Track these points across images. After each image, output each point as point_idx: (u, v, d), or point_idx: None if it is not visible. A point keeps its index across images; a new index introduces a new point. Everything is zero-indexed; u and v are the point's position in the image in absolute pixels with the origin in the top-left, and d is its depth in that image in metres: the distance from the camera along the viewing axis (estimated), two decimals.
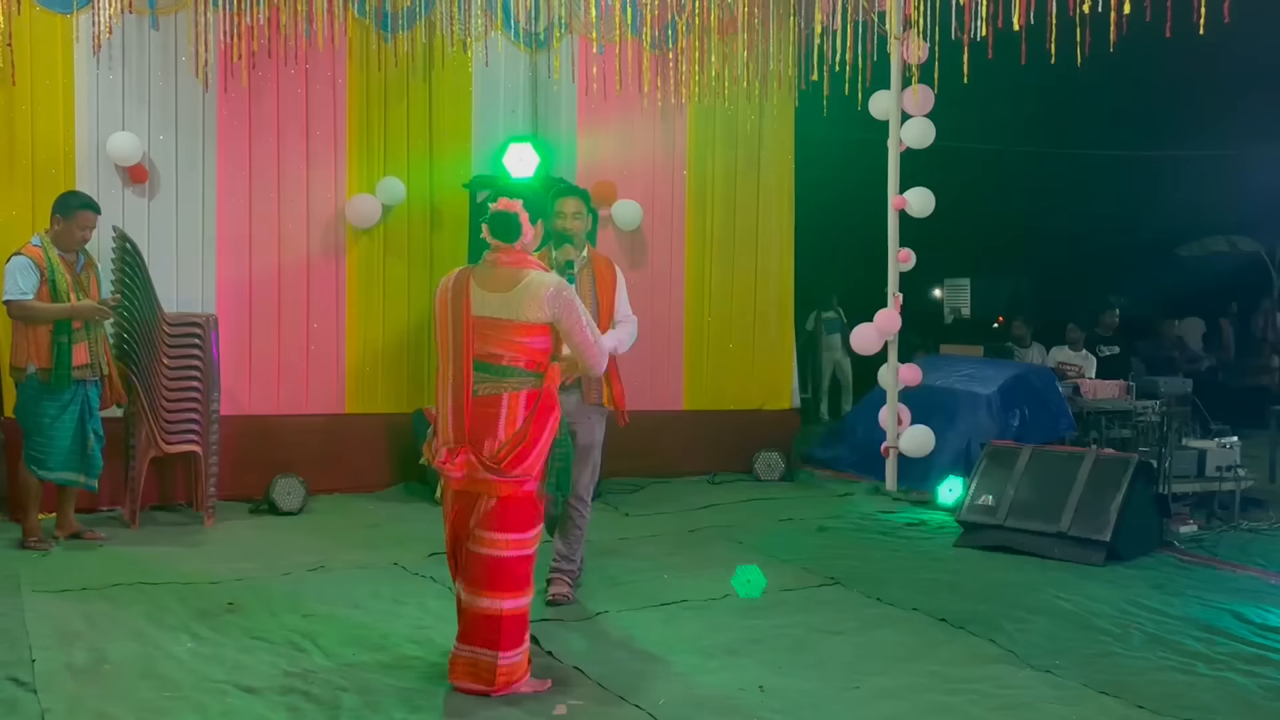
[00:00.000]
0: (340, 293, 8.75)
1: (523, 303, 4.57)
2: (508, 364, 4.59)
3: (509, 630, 4.61)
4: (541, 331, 4.62)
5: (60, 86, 7.90)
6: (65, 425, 6.92)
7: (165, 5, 8.10)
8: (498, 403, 4.58)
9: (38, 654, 5.01)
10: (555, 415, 4.65)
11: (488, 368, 4.60)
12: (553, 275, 4.70)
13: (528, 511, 4.66)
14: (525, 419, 4.58)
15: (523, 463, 4.55)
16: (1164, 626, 5.66)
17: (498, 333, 4.59)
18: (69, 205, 6.96)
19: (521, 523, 4.63)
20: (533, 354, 4.62)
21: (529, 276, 4.61)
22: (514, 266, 4.64)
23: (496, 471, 4.55)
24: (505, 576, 4.61)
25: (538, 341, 4.62)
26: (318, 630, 5.42)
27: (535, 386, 4.62)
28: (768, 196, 10.01)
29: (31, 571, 6.39)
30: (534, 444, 4.57)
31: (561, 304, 4.59)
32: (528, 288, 4.58)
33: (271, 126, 8.47)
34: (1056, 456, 7.47)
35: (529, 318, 4.57)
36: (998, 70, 7.42)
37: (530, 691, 4.65)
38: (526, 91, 9.24)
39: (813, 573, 6.63)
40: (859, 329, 9.42)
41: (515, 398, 4.59)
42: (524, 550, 4.65)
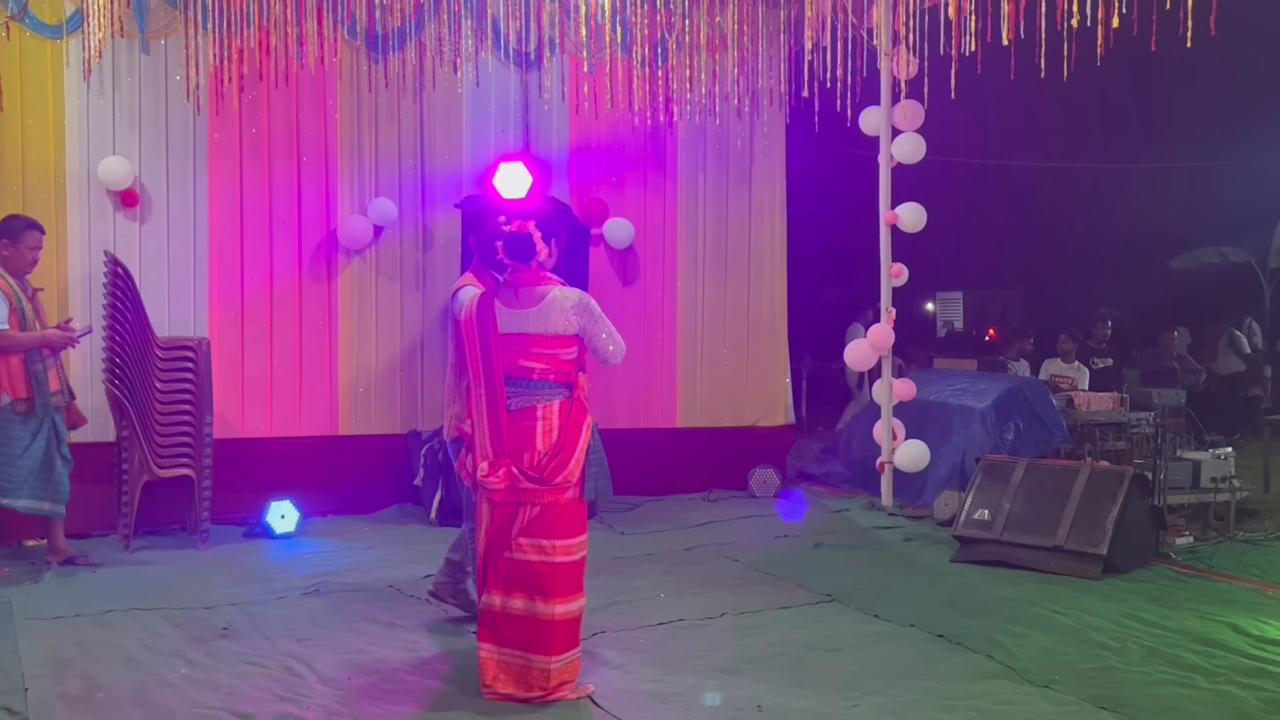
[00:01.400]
0: (332, 314, 8.74)
1: (551, 316, 4.81)
2: (539, 377, 4.82)
3: (560, 634, 4.78)
4: (569, 343, 4.85)
5: (50, 111, 7.89)
6: (35, 453, 6.86)
7: (155, 29, 8.10)
8: (532, 415, 4.81)
9: (30, 682, 4.97)
10: (588, 423, 4.88)
11: (519, 382, 4.83)
12: (575, 289, 4.93)
13: (573, 517, 4.85)
14: (560, 428, 4.80)
15: (564, 470, 4.77)
16: (1162, 640, 5.65)
17: (527, 347, 4.82)
18: (13, 228, 6.92)
19: (569, 528, 4.82)
20: (562, 365, 4.84)
21: (554, 291, 4.87)
22: (536, 284, 4.88)
23: (539, 481, 4.75)
24: (556, 582, 4.78)
25: (566, 353, 4.85)
26: (313, 654, 5.39)
27: (566, 397, 4.84)
28: (760, 213, 10.01)
29: (24, 599, 6.35)
30: (572, 451, 4.80)
31: (586, 314, 4.85)
32: (554, 301, 4.83)
33: (262, 149, 8.47)
34: (1051, 470, 7.46)
35: (558, 329, 4.81)
36: (987, 85, 7.44)
37: (574, 697, 4.79)
38: (517, 111, 9.26)
39: (809, 589, 6.61)
40: (853, 344, 9.43)
41: (549, 409, 4.81)
42: (571, 556, 4.83)
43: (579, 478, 4.83)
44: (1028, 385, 9.73)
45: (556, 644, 4.77)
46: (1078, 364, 11.22)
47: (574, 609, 4.84)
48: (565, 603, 4.79)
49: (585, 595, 4.95)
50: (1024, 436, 9.16)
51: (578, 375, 4.89)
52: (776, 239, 10.10)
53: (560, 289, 4.90)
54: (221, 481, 7.90)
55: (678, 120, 9.46)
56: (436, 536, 7.99)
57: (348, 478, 8.72)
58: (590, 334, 4.88)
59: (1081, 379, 10.85)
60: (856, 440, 10.38)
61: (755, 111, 9.63)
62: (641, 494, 9.36)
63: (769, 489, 9.68)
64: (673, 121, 9.47)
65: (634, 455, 9.35)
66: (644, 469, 9.42)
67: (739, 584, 6.78)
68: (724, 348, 9.93)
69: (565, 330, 4.81)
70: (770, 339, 10.12)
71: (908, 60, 8.46)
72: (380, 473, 8.84)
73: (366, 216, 8.72)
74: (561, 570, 4.79)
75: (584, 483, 4.86)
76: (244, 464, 8.25)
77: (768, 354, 10.11)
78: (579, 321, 4.83)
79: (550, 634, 4.76)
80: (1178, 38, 5.55)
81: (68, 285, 7.96)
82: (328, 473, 8.67)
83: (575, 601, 4.85)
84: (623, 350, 4.99)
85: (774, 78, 9.44)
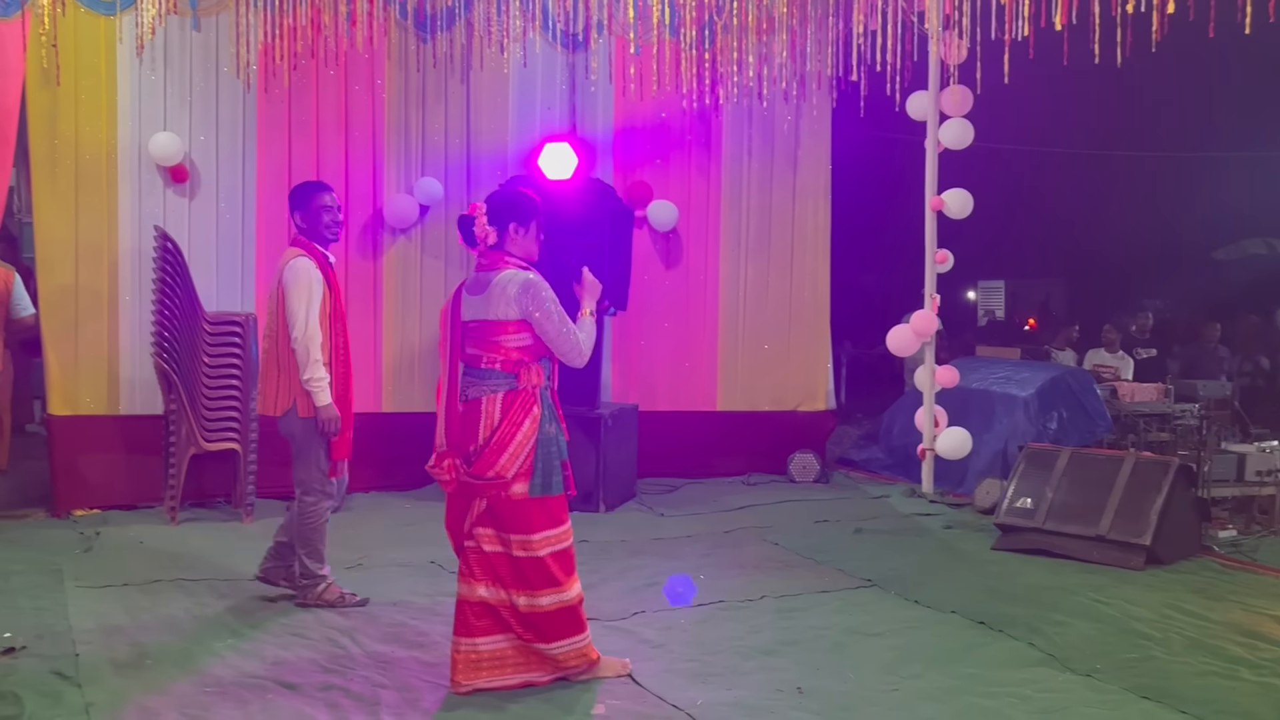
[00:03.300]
0: (378, 292, 8.80)
1: (495, 301, 4.60)
2: (485, 366, 4.63)
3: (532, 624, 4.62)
4: (515, 328, 4.59)
5: (103, 87, 7.97)
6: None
7: (207, 7, 8.17)
8: (478, 406, 4.62)
9: (81, 648, 5.07)
10: (532, 416, 4.59)
11: (473, 371, 4.67)
12: (526, 273, 4.66)
13: (524, 514, 4.60)
14: (499, 421, 4.58)
15: (493, 465, 4.56)
16: (1205, 631, 5.62)
17: (479, 335, 4.65)
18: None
19: (519, 524, 4.60)
20: (509, 354, 4.61)
21: (501, 275, 4.64)
22: (492, 268, 4.68)
23: (470, 475, 4.59)
24: (520, 576, 4.61)
25: (514, 340, 4.60)
26: (356, 627, 5.46)
27: (511, 388, 4.61)
28: (804, 197, 9.98)
29: (75, 566, 6.46)
30: (504, 446, 4.55)
31: (530, 298, 4.57)
32: (498, 285, 4.62)
33: (311, 127, 8.52)
34: (1095, 459, 7.41)
35: (502, 315, 4.59)
36: (1037, 70, 7.37)
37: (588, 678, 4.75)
38: (563, 92, 9.27)
39: (849, 574, 6.62)
40: (895, 330, 9.39)
41: (492, 400, 4.60)
42: (532, 552, 4.59)
43: (519, 473, 4.55)
44: (1071, 374, 9.66)
45: (541, 633, 4.62)
46: (1122, 354, 11.13)
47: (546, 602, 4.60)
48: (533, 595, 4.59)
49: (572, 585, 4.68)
50: (1067, 426, 9.12)
51: (527, 366, 4.60)
52: (820, 223, 10.06)
53: (510, 272, 4.63)
54: (266, 456, 7.98)
55: (724, 103, 9.44)
56: None
57: (391, 455, 8.77)
58: (538, 322, 4.58)
59: (1125, 369, 10.77)
60: (897, 427, 10.35)
61: (802, 95, 9.58)
62: (681, 476, 9.39)
63: (809, 474, 9.67)
64: (718, 104, 9.45)
65: (674, 437, 9.38)
66: (684, 451, 9.44)
67: (779, 567, 6.80)
68: (765, 331, 9.91)
69: (507, 315, 4.56)
70: (812, 323, 10.09)
71: (957, 45, 8.39)
72: (423, 450, 8.68)
73: (413, 195, 8.78)
74: (523, 565, 4.59)
75: (531, 478, 4.57)
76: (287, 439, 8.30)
77: (809, 338, 10.08)
78: (522, 306, 4.55)
79: (531, 623, 4.61)
80: (1235, 24, 5.48)
81: (118, 259, 8.04)
82: (371, 449, 8.69)
83: (549, 595, 4.60)
84: (580, 352, 4.67)
85: (822, 61, 9.38)
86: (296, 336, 5.51)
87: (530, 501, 4.60)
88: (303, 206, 5.75)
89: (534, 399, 4.62)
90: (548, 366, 4.69)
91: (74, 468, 7.86)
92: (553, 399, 4.72)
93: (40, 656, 4.95)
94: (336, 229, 5.83)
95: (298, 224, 5.77)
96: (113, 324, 8.03)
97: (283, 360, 5.61)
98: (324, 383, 5.55)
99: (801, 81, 9.44)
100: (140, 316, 7.97)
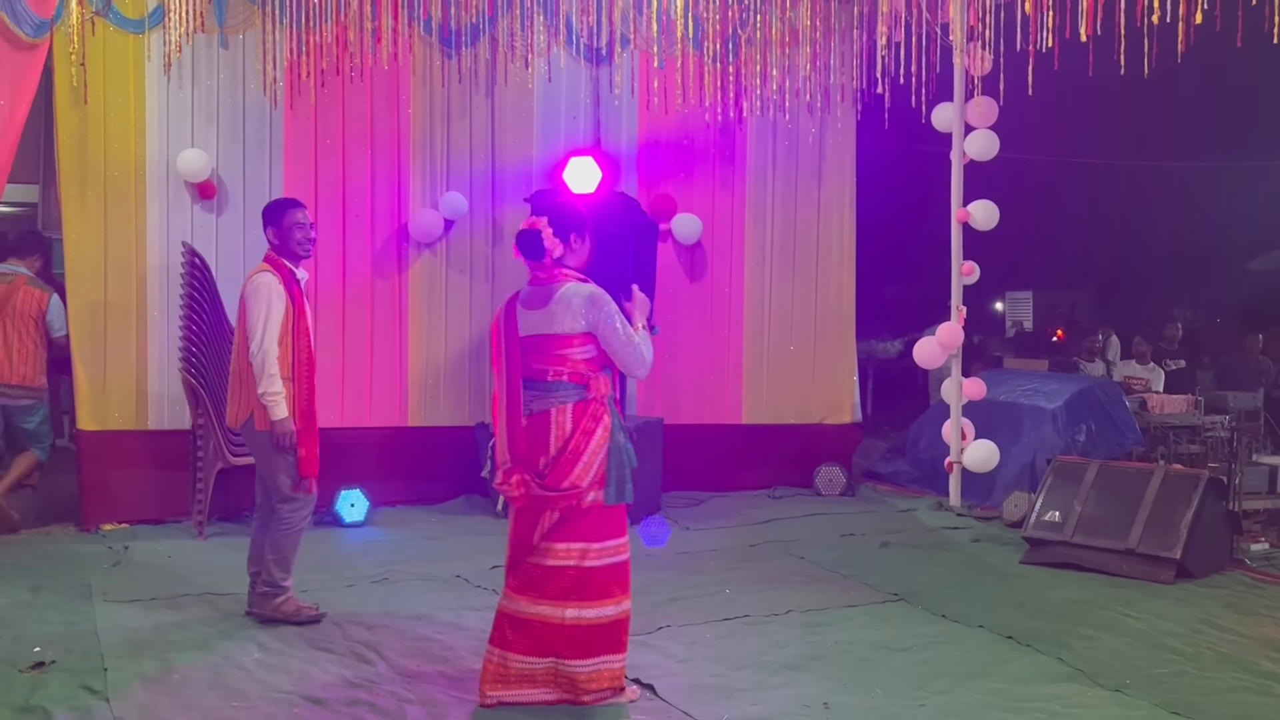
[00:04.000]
0: (403, 306, 8.84)
1: (559, 314, 4.61)
2: (552, 379, 4.63)
3: (570, 639, 4.61)
4: (582, 341, 4.61)
5: (131, 104, 8.05)
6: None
7: (234, 24, 8.24)
8: (547, 419, 4.62)
9: (110, 663, 5.09)
10: (604, 425, 4.62)
11: (537, 385, 4.65)
12: (587, 285, 4.68)
13: (596, 522, 4.64)
14: (571, 431, 4.60)
15: (569, 474, 4.57)
16: (1236, 646, 5.56)
17: (542, 349, 4.64)
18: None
19: (587, 533, 4.62)
20: (576, 366, 4.62)
21: (563, 288, 4.65)
22: (551, 282, 4.68)
23: (545, 487, 4.59)
24: (572, 587, 4.62)
25: (578, 352, 4.62)
26: (382, 642, 5.46)
27: (581, 398, 4.62)
28: (829, 209, 9.97)
29: (103, 581, 6.50)
30: (578, 456, 4.57)
31: (596, 310, 4.59)
32: (562, 299, 4.62)
33: (337, 142, 8.58)
34: (1124, 472, 7.35)
35: (567, 328, 4.59)
36: (1062, 81, 7.34)
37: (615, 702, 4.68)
38: (588, 106, 9.29)
39: (876, 589, 6.58)
40: (921, 342, 9.36)
41: (562, 411, 4.61)
42: (600, 560, 4.63)
43: (592, 482, 4.58)
44: (1100, 386, 9.60)
45: (578, 649, 4.60)
46: (1153, 365, 11.05)
47: (591, 615, 4.61)
48: (580, 607, 4.60)
49: (623, 601, 4.69)
50: (1095, 438, 9.04)
51: (595, 376, 4.63)
52: (845, 235, 10.05)
53: (572, 285, 4.65)
54: None
55: (747, 116, 9.44)
56: (503, 528, 7.98)
57: (416, 468, 8.82)
58: (602, 334, 4.59)
59: (1156, 381, 10.69)
60: (924, 439, 10.30)
61: (827, 107, 9.58)
62: (706, 490, 9.37)
63: (835, 487, 9.64)
64: (743, 117, 9.45)
65: (699, 450, 9.37)
66: (709, 465, 9.43)
67: (805, 581, 6.77)
68: (790, 344, 9.89)
69: (574, 329, 4.58)
70: (838, 336, 10.07)
71: (982, 56, 8.37)
72: (448, 464, 8.92)
73: (438, 210, 8.81)
74: (579, 575, 4.60)
75: (605, 486, 4.60)
76: None
77: (835, 351, 10.06)
78: (588, 318, 4.57)
79: (568, 638, 4.60)
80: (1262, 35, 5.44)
81: (146, 275, 8.11)
82: (397, 463, 8.77)
83: (595, 608, 4.62)
84: (644, 362, 4.67)
85: (846, 73, 9.38)
86: (253, 351, 5.57)
87: (601, 510, 4.63)
88: (275, 223, 5.79)
89: (604, 408, 4.64)
90: (611, 376, 4.73)
91: (102, 482, 7.92)
92: (617, 408, 4.75)
93: (69, 671, 4.98)
94: (309, 245, 5.85)
95: (270, 240, 5.81)
96: (141, 339, 8.10)
97: (243, 373, 5.68)
98: (279, 397, 5.57)
99: (825, 94, 9.45)
100: (168, 332, 8.03)
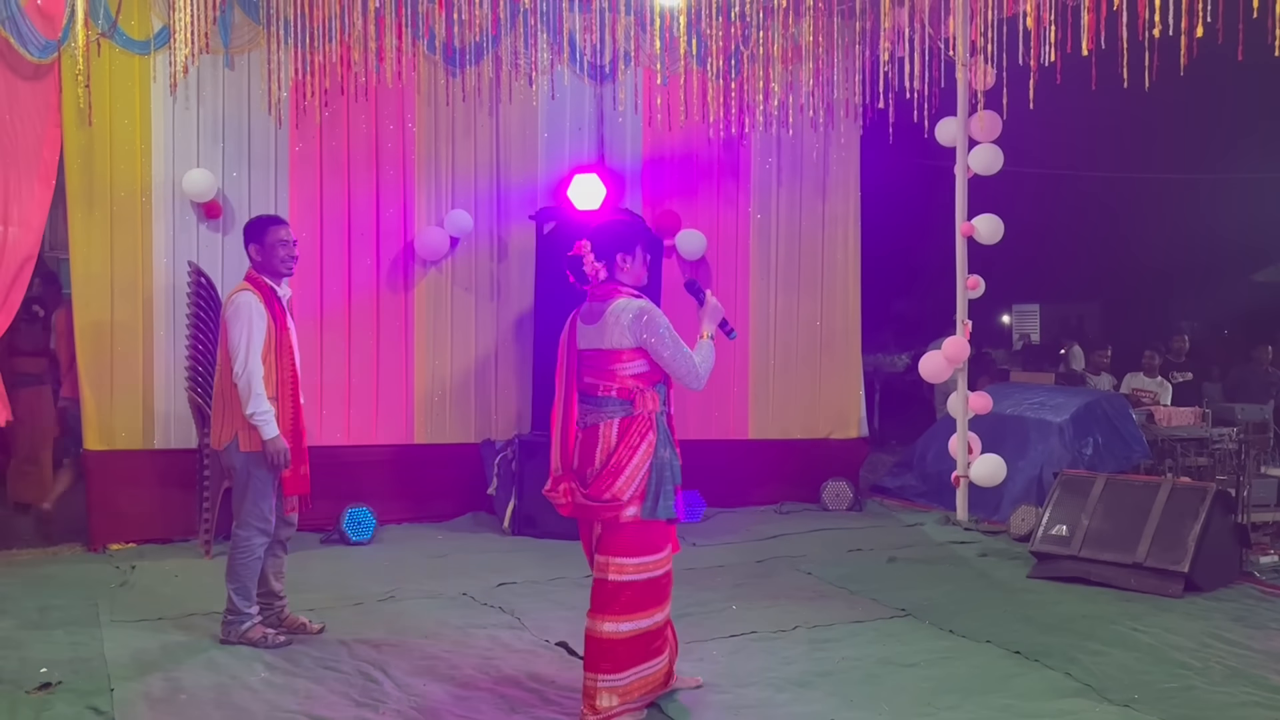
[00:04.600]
0: (409, 324, 8.85)
1: (609, 330, 4.70)
2: (602, 394, 4.73)
3: (603, 653, 4.64)
4: (631, 356, 4.69)
5: (138, 124, 8.08)
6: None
7: (239, 44, 8.27)
8: (596, 432, 4.72)
9: (116, 683, 5.09)
10: (648, 441, 4.67)
11: (590, 399, 4.76)
12: (639, 300, 4.75)
13: (633, 536, 4.68)
14: (615, 445, 4.67)
15: (609, 487, 4.63)
16: (1246, 660, 5.53)
17: (596, 363, 4.74)
18: None
19: (627, 547, 4.68)
20: (624, 381, 4.69)
21: (614, 304, 4.73)
22: (604, 299, 4.77)
23: (587, 497, 4.69)
24: (608, 600, 4.68)
25: (627, 367, 4.70)
26: (388, 660, 5.46)
27: (627, 414, 4.69)
28: (833, 224, 9.97)
29: (110, 600, 6.51)
30: (620, 469, 4.63)
31: (645, 325, 4.66)
32: (611, 314, 4.71)
33: (342, 161, 8.61)
34: (1132, 486, 7.33)
35: (616, 343, 4.69)
36: (1066, 95, 7.34)
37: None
38: (592, 123, 9.32)
39: (883, 604, 6.56)
40: (927, 356, 9.34)
41: (609, 425, 4.70)
42: (625, 575, 4.66)
43: (633, 496, 4.63)
44: (1106, 399, 9.58)
45: (598, 662, 4.63)
46: (1160, 379, 11.02)
47: (622, 630, 4.64)
48: (614, 621, 4.63)
49: (655, 614, 4.73)
50: (1103, 451, 9.02)
51: (642, 392, 4.68)
52: (850, 250, 10.05)
53: (623, 300, 4.72)
54: None
55: (750, 132, 9.46)
56: (510, 545, 8.07)
57: (423, 486, 8.82)
58: (654, 348, 4.66)
59: (1164, 394, 10.66)
60: (931, 454, 10.28)
61: (830, 123, 9.59)
62: (713, 505, 9.35)
63: (842, 502, 9.62)
64: (746, 133, 9.47)
65: (705, 466, 9.31)
66: (715, 480, 9.40)
67: (811, 597, 6.75)
68: (796, 359, 9.89)
69: (622, 344, 4.66)
70: (843, 350, 10.07)
71: (985, 71, 8.38)
72: (455, 481, 8.92)
73: (443, 228, 8.83)
74: (613, 588, 4.64)
75: (644, 501, 4.64)
76: (322, 472, 8.26)
77: (840, 366, 10.06)
78: (635, 333, 4.65)
79: (595, 651, 4.64)
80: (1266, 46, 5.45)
81: (153, 295, 8.13)
82: (403, 481, 8.77)
83: (630, 621, 4.65)
84: (697, 374, 4.71)
85: (850, 89, 9.40)
86: (238, 372, 5.53)
87: (638, 524, 4.68)
88: (258, 240, 5.77)
89: (649, 424, 4.70)
90: (663, 392, 4.78)
91: (109, 502, 7.93)
92: (669, 424, 4.81)
93: (76, 691, 4.98)
94: (292, 263, 5.82)
95: (253, 257, 5.78)
96: (147, 359, 8.12)
97: (227, 394, 5.64)
98: (269, 415, 5.57)
99: (829, 109, 9.45)
100: (174, 352, 8.05)
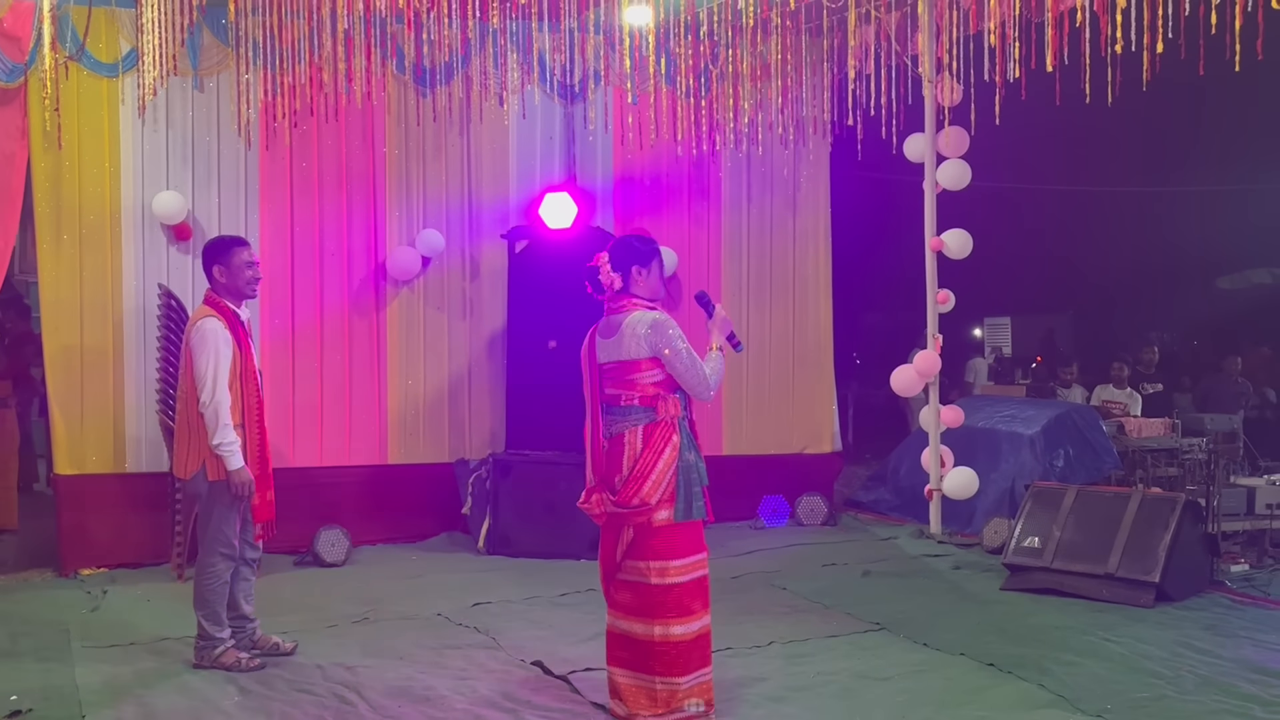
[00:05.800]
0: (381, 344, 8.84)
1: (626, 342, 4.84)
2: (625, 404, 4.88)
3: (662, 655, 4.76)
4: (649, 366, 4.83)
5: (106, 147, 8.06)
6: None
7: (208, 66, 8.27)
8: (621, 441, 4.85)
9: (88, 710, 5.06)
10: (673, 444, 4.79)
11: (614, 410, 4.90)
12: (653, 312, 4.91)
13: (667, 540, 4.80)
14: (641, 451, 4.80)
15: (637, 492, 4.76)
16: (1217, 669, 5.58)
17: (616, 375, 4.89)
18: None
19: (663, 551, 4.79)
20: (645, 389, 4.85)
21: (630, 316, 4.90)
22: (620, 311, 4.93)
23: (617, 504, 4.80)
24: (656, 604, 4.78)
25: (646, 376, 4.84)
26: (364, 682, 5.44)
27: (651, 420, 4.82)
28: (804, 240, 10.02)
29: (81, 626, 6.46)
30: (647, 474, 4.77)
31: (659, 336, 4.81)
32: (628, 326, 4.87)
33: (312, 182, 8.60)
34: (1102, 497, 7.39)
35: (634, 354, 4.83)
36: (1031, 110, 7.42)
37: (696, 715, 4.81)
38: (562, 142, 9.34)
39: (858, 618, 6.58)
40: (898, 370, 9.39)
41: (634, 433, 4.84)
42: (668, 579, 4.78)
43: (661, 500, 4.76)
44: (1077, 411, 9.65)
45: (659, 665, 4.76)
46: (1130, 390, 11.10)
47: (678, 631, 4.77)
48: (665, 624, 4.76)
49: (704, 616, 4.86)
50: (1074, 463, 9.08)
51: (664, 398, 4.83)
52: (821, 266, 10.10)
53: (639, 312, 4.90)
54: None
55: (721, 149, 9.50)
56: (485, 565, 8.05)
57: (396, 506, 8.79)
58: (667, 360, 4.81)
59: (1134, 405, 10.72)
60: (904, 467, 10.32)
61: (799, 139, 9.64)
62: None
63: (816, 517, 9.64)
64: (716, 151, 9.51)
65: None
66: None
67: (787, 612, 6.77)
68: (769, 375, 9.92)
69: (639, 354, 4.81)
70: (816, 366, 10.10)
71: (951, 87, 8.45)
72: (428, 501, 8.90)
73: (414, 248, 8.83)
74: (659, 592, 4.77)
75: (675, 504, 4.78)
76: (294, 493, 8.27)
77: (814, 381, 10.08)
78: (651, 344, 4.80)
79: (652, 654, 4.77)
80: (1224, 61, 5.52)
81: (123, 318, 8.09)
82: (377, 502, 8.74)
83: (681, 624, 4.78)
84: (707, 385, 4.86)
85: (818, 106, 9.46)
86: (204, 401, 5.46)
87: (673, 527, 4.81)
88: (223, 261, 5.66)
89: (673, 428, 4.83)
90: (684, 398, 4.91)
91: (80, 527, 7.87)
92: (691, 429, 4.94)
93: (46, 719, 4.94)
94: (256, 284, 5.78)
95: (217, 279, 5.68)
96: (118, 382, 8.07)
97: (193, 422, 5.56)
98: (234, 446, 5.51)
99: (798, 127, 9.51)
100: (145, 375, 8.02)
